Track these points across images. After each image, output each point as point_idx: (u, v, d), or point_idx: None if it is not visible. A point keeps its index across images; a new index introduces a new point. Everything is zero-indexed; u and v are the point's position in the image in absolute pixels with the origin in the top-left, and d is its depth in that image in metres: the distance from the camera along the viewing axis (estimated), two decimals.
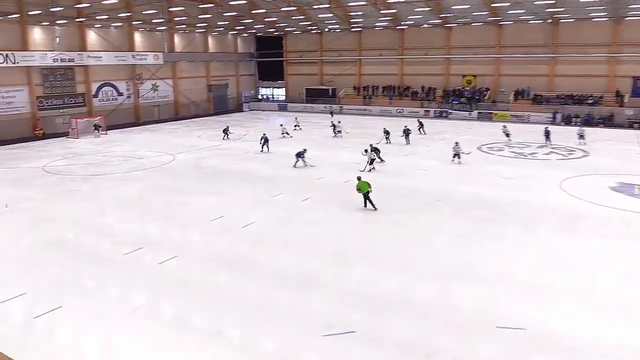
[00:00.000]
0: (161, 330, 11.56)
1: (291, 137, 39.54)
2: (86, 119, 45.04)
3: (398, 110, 54.81)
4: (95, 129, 43.26)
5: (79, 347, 11.10)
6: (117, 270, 14.91)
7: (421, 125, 40.56)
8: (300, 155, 28.76)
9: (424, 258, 15.42)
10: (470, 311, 12.20)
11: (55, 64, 44.23)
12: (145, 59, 51.50)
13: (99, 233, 18.33)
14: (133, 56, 50.47)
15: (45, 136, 43.09)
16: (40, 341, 11.26)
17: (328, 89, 61.91)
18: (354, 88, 60.87)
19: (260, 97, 68.98)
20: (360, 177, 21.05)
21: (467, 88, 53.74)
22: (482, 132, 41.42)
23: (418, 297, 12.93)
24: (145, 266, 15.22)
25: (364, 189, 20.10)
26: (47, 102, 45.02)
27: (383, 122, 47.55)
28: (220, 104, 62.42)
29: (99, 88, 49.11)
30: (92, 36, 47.96)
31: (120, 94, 51.26)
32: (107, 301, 13.07)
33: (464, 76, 54.19)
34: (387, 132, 35.68)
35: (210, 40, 60.94)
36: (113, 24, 49.44)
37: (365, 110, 56.80)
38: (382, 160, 28.74)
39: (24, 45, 42.44)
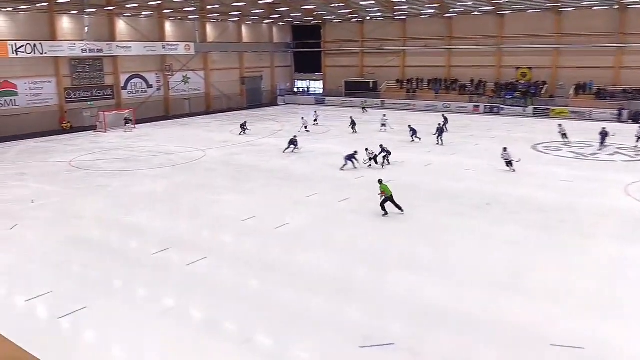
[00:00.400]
0: (189, 335, 11.65)
1: (308, 131, 39.91)
2: (114, 112, 45.85)
3: (445, 105, 54.05)
4: (126, 122, 43.92)
5: (104, 349, 11.27)
6: (144, 271, 15.10)
7: (446, 121, 39.91)
8: (351, 157, 27.76)
9: (469, 266, 15.15)
10: (520, 326, 11.90)
11: (84, 54, 45.21)
12: (176, 50, 52.25)
13: (125, 231, 18.59)
14: (163, 46, 51.31)
15: (72, 129, 44.05)
16: (65, 342, 11.47)
17: (369, 81, 61.48)
18: (397, 81, 60.35)
19: (296, 90, 69.15)
20: (381, 180, 20.78)
21: (522, 81, 52.67)
22: (538, 130, 40.42)
23: (462, 309, 12.67)
24: (174, 267, 15.37)
25: (389, 192, 19.74)
26: (74, 94, 46.10)
27: (427, 117, 47.16)
28: (254, 97, 62.67)
29: (128, 80, 49.98)
30: (121, 26, 48.90)
31: (149, 86, 51.99)
32: (134, 303, 13.25)
33: (518, 68, 53.21)
34: (413, 131, 35.33)
35: (244, 29, 61.24)
36: (143, 13, 50.25)
37: (409, 105, 56.13)
38: (387, 164, 28.18)
39: (52, 35, 43.51)
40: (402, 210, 19.91)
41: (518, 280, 14.18)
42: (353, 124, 40.08)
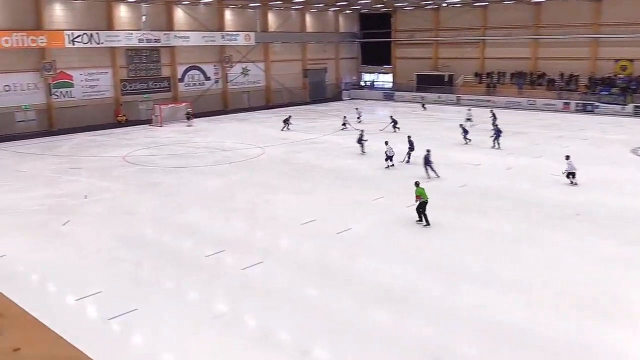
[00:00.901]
0: (242, 343, 11.76)
1: (346, 128, 39.74)
2: (170, 105, 47.00)
3: (529, 102, 52.69)
4: (187, 117, 44.85)
5: (152, 354, 11.57)
6: (197, 273, 15.40)
7: (494, 117, 38.91)
8: (427, 161, 26.14)
9: (551, 283, 14.61)
10: (613, 355, 11.31)
11: (141, 44, 46.82)
12: (236, 40, 53.18)
13: (179, 231, 19.02)
14: (222, 36, 52.22)
15: (128, 123, 45.50)
16: (114, 343, 11.87)
17: (443, 75, 60.43)
18: (475, 74, 59.24)
19: (363, 83, 68.98)
20: (418, 183, 20.37)
21: (621, 75, 50.54)
22: (638, 131, 38.71)
23: (543, 332, 12.13)
24: (228, 271, 15.63)
25: (425, 197, 19.24)
26: (130, 86, 47.62)
27: (508, 115, 45.83)
28: (317, 91, 62.86)
29: (186, 71, 51.18)
30: (179, 14, 50.21)
31: (207, 79, 53.08)
32: (185, 306, 13.55)
33: (617, 60, 50.96)
34: (465, 131, 34.95)
35: (307, 18, 61.71)
36: (202, 1, 51.22)
37: (489, 101, 54.25)
38: (406, 161, 28.71)
39: (109, 25, 45.22)
40: (428, 224, 19.22)
41: (611, 303, 13.46)
42: (394, 122, 39.68)
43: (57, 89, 43.22)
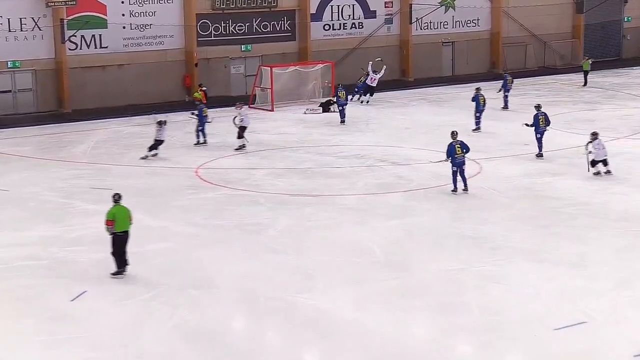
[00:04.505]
0: None
1: None
2: (293, 67, 41.47)
3: None
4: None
5: None
6: None
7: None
8: None
9: None
10: None
11: None
12: None
13: (304, 332, 16.73)
14: None
15: (208, 101, 39.16)
16: None
17: None
18: None
19: None
20: None
21: None
22: None
23: None
24: None
25: None
26: (216, 29, 43.43)
27: None
28: (602, 43, 55.03)
29: (326, 1, 45.78)
30: None
31: (370, 16, 48.01)
32: None
33: None
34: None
35: None
36: None
37: None
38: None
39: None
40: None
41: None
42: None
43: (75, 30, 37.44)
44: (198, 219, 23.19)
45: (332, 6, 45.44)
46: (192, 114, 33.25)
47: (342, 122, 36.27)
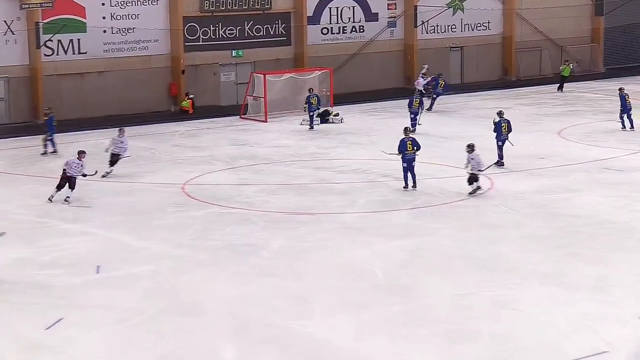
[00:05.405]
0: None
1: None
2: (289, 74, 41.81)
3: None
4: (323, 96, 40.65)
5: None
6: None
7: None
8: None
9: None
10: None
11: None
12: None
13: None
14: None
15: (195, 112, 42.18)
16: None
17: None
18: None
19: None
20: None
21: None
22: None
23: None
24: None
25: None
26: (204, 33, 44.47)
27: None
28: (624, 48, 55.46)
29: (323, 3, 46.34)
30: None
31: (371, 19, 49.56)
32: None
33: None
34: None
35: None
36: None
37: None
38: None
39: None
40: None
41: None
42: None
43: (51, 34, 37.99)
44: (185, 239, 22.87)
45: (330, 8, 45.57)
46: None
47: (311, 128, 37.66)
